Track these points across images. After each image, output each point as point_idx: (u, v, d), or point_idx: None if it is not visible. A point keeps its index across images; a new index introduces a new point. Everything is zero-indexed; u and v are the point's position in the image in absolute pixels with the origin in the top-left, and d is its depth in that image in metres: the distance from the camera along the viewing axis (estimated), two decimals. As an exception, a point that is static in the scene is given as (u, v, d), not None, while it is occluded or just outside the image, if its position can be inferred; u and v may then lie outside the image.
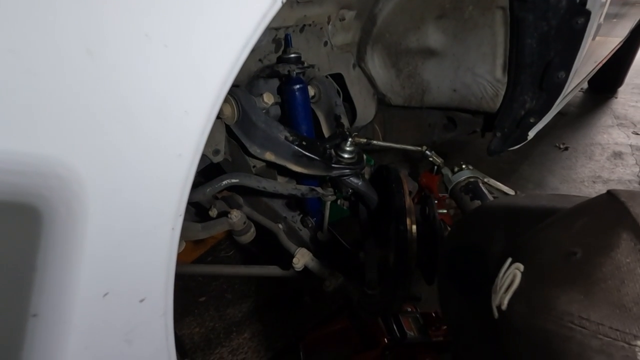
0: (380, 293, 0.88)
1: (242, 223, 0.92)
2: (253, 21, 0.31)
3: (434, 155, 0.99)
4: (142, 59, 0.27)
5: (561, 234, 0.41)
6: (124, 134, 0.27)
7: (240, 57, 0.32)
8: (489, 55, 1.11)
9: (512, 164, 2.59)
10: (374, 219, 1.02)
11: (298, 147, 0.84)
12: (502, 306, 0.41)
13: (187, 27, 0.29)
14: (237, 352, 1.49)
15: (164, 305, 0.30)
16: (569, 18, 0.91)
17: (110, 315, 0.27)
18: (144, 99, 0.28)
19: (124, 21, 0.26)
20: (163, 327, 0.30)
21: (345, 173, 0.88)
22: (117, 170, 0.28)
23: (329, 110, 1.05)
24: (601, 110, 3.47)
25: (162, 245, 0.30)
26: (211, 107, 0.31)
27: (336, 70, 1.15)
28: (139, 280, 0.29)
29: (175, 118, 0.30)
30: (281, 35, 0.93)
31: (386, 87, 1.33)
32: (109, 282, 0.27)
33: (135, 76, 0.27)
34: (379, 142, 0.91)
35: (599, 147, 2.83)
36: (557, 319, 0.35)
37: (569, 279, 0.36)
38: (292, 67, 0.88)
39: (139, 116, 0.28)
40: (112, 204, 0.28)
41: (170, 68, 0.29)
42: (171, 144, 0.30)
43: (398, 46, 1.21)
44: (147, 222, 0.29)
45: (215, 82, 0.31)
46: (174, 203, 0.31)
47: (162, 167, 0.29)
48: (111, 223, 0.28)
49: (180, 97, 0.30)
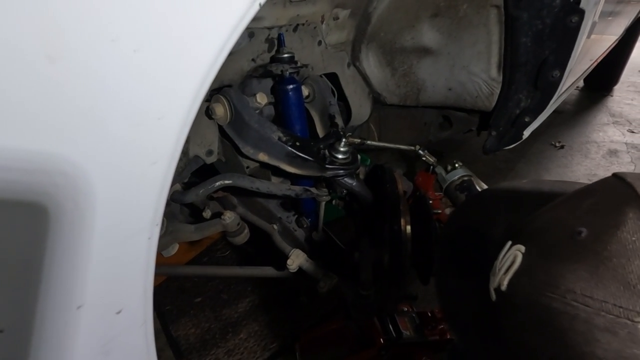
0: (374, 293, 0.88)
1: (235, 224, 0.91)
2: (229, 24, 0.30)
3: (427, 154, 0.99)
4: (109, 65, 0.26)
5: (566, 214, 0.41)
6: (93, 142, 0.27)
7: (217, 60, 0.31)
8: (484, 53, 1.11)
9: (509, 163, 2.60)
10: (369, 219, 1.01)
11: (291, 148, 0.84)
12: (502, 287, 0.40)
13: (157, 31, 0.28)
14: (233, 353, 1.48)
15: (142, 316, 0.30)
16: (563, 16, 0.91)
17: (85, 327, 0.27)
18: (114, 107, 0.27)
19: (88, 27, 0.25)
20: (143, 338, 0.30)
21: (340, 173, 0.87)
22: (88, 180, 0.27)
23: (323, 109, 1.04)
24: (597, 108, 3.48)
25: (139, 255, 0.30)
26: (187, 112, 0.31)
27: (330, 69, 1.14)
28: (114, 292, 0.28)
29: (148, 125, 0.29)
30: (274, 34, 0.92)
31: (381, 86, 1.33)
32: (82, 294, 0.27)
33: (102, 83, 0.26)
34: (373, 142, 0.91)
35: (595, 145, 2.84)
36: (561, 297, 0.35)
37: (574, 258, 0.36)
38: (286, 67, 0.87)
39: (108, 124, 0.27)
40: (84, 214, 0.27)
41: (141, 74, 0.28)
42: (145, 151, 0.29)
43: (393, 45, 1.20)
44: (121, 232, 0.29)
45: (190, 87, 0.30)
46: (150, 212, 0.30)
47: (136, 175, 0.28)
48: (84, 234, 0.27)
49: (153, 103, 0.29)
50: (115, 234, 0.28)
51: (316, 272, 0.91)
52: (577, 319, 0.34)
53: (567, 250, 0.37)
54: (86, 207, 0.26)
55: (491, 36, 1.06)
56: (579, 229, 0.37)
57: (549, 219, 0.43)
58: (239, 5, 0.31)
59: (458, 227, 0.66)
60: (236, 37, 0.32)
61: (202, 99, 0.32)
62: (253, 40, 0.89)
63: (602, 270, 0.34)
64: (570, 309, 0.34)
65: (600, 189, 0.41)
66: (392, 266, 0.83)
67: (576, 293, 0.34)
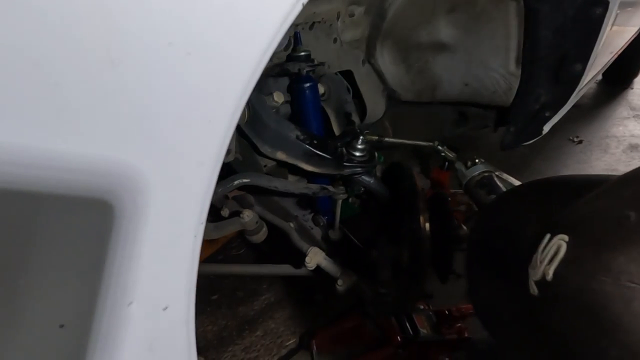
0: (393, 292, 0.87)
1: (254, 223, 0.92)
2: (275, 24, 0.31)
3: (446, 150, 0.98)
4: (165, 67, 0.27)
5: (610, 202, 0.41)
6: (148, 144, 0.27)
7: (262, 62, 0.31)
8: (502, 48, 1.09)
9: (525, 159, 2.55)
10: (386, 217, 1.01)
11: (309, 146, 0.84)
12: (547, 276, 0.40)
13: (209, 34, 0.28)
14: (250, 350, 1.50)
15: (186, 313, 0.30)
16: (586, 8, 0.89)
17: (134, 324, 0.27)
18: (167, 110, 0.27)
19: (147, 31, 0.25)
20: (185, 336, 0.30)
21: (357, 171, 0.87)
22: (144, 180, 0.27)
23: (339, 107, 1.04)
24: (616, 101, 3.38)
25: (185, 253, 0.30)
26: (232, 115, 0.31)
27: (346, 67, 1.14)
28: (163, 288, 0.29)
29: (198, 127, 0.30)
30: (290, 33, 0.92)
31: (396, 83, 1.31)
32: (134, 291, 0.27)
33: (158, 86, 0.27)
34: (390, 139, 0.90)
35: (615, 139, 2.76)
36: (615, 280, 0.34)
37: (625, 241, 0.36)
38: (302, 65, 0.88)
39: (162, 127, 0.27)
40: (141, 213, 0.27)
41: (193, 76, 0.28)
42: (194, 152, 0.30)
43: (408, 41, 1.19)
44: (172, 231, 0.29)
45: (236, 89, 0.30)
46: (197, 211, 0.31)
47: (184, 175, 0.29)
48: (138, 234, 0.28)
49: (203, 105, 0.29)
50: (166, 232, 0.29)
51: (334, 270, 0.91)
52: (634, 300, 0.33)
53: (617, 234, 0.37)
54: (143, 206, 0.27)
55: (510, 30, 1.03)
56: (627, 213, 0.36)
57: (591, 209, 0.42)
58: (284, 5, 0.31)
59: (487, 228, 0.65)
60: (280, 38, 0.32)
61: (245, 102, 0.32)
62: (270, 39, 0.89)
63: None
64: (626, 291, 0.33)
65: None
66: (411, 264, 0.83)
67: (632, 273, 0.34)
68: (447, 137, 1.66)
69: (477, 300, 0.62)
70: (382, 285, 0.87)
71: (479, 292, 0.62)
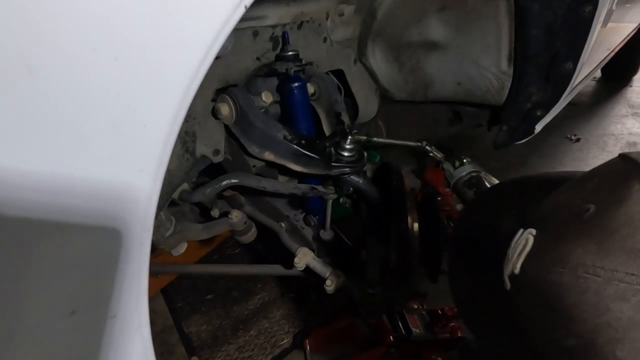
0: (381, 292, 0.87)
1: (242, 223, 0.92)
2: (214, 28, 0.30)
3: (434, 150, 0.97)
4: (91, 73, 0.26)
5: (573, 195, 0.42)
6: (75, 150, 0.27)
7: (202, 66, 0.31)
8: (494, 46, 1.08)
9: (522, 157, 2.54)
10: (376, 217, 1.01)
11: (297, 146, 0.84)
12: (515, 270, 0.41)
13: (139, 38, 0.27)
14: (243, 350, 1.50)
15: (137, 320, 0.30)
16: (575, 6, 0.88)
17: (79, 332, 0.27)
18: (96, 114, 0.27)
19: (68, 36, 0.25)
20: (139, 342, 0.30)
21: (346, 171, 0.87)
22: (69, 186, 0.27)
23: (329, 107, 1.03)
24: (615, 99, 3.37)
25: (130, 260, 0.30)
26: (173, 118, 0.30)
27: (337, 66, 1.13)
28: (108, 297, 0.29)
29: (133, 132, 0.29)
30: (278, 33, 0.92)
31: (389, 82, 1.31)
32: (75, 300, 0.27)
33: (84, 91, 0.26)
34: (379, 139, 0.90)
35: (612, 137, 2.75)
36: (572, 271, 0.35)
37: (583, 233, 0.37)
38: (290, 65, 0.87)
39: (91, 132, 0.27)
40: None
41: (123, 82, 0.28)
42: (131, 158, 0.29)
43: (399, 40, 1.19)
44: (113, 239, 0.29)
45: (175, 93, 0.30)
46: (140, 218, 0.30)
47: (123, 182, 0.28)
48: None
49: (137, 110, 0.29)
50: (106, 241, 0.29)
51: (323, 270, 0.91)
52: (588, 291, 0.34)
53: (575, 227, 0.38)
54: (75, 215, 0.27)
55: (501, 28, 1.03)
56: (586, 206, 0.38)
57: (557, 202, 0.43)
58: (224, 8, 0.31)
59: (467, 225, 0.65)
60: (222, 41, 0.31)
61: (189, 104, 0.32)
62: (257, 39, 0.88)
63: (611, 242, 0.34)
64: (582, 281, 0.35)
65: (605, 169, 0.42)
66: (399, 264, 0.83)
67: (587, 265, 0.35)
68: (442, 136, 1.66)
69: (458, 297, 0.62)
70: (371, 285, 0.87)
71: (460, 288, 0.62)
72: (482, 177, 1.01)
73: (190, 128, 0.83)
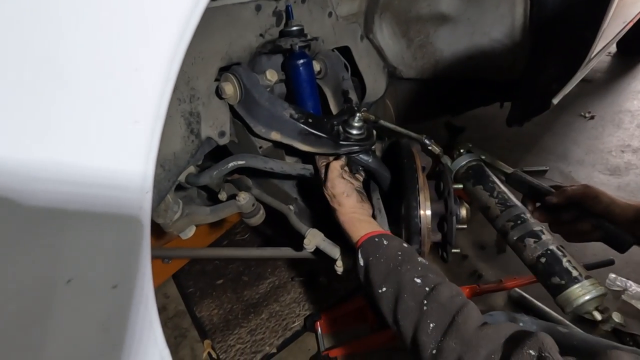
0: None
1: (250, 205, 0.90)
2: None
3: (433, 144, 0.94)
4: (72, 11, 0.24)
5: None
6: (56, 93, 0.24)
7: (199, 3, 0.28)
8: (507, 17, 1.03)
9: (534, 137, 2.48)
10: (387, 197, 0.98)
11: (304, 125, 0.81)
12: None
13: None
14: (255, 333, 1.51)
15: (141, 290, 0.28)
16: (596, -31, 0.83)
17: (80, 302, 0.26)
18: (79, 55, 0.24)
19: None
20: (143, 314, 0.29)
21: (354, 150, 0.84)
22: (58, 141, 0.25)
23: (336, 85, 1.00)
24: (631, 74, 3.25)
25: (131, 226, 0.28)
26: (168, 63, 0.28)
27: (343, 42, 1.09)
28: (109, 265, 0.27)
29: (122, 77, 0.26)
30: (282, 7, 0.88)
31: (397, 59, 1.27)
32: (74, 268, 0.26)
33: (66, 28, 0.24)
34: (385, 123, 0.87)
35: (629, 114, 2.66)
36: None
37: None
38: (295, 41, 0.84)
39: (74, 74, 0.24)
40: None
41: (109, 19, 0.25)
42: (124, 108, 0.26)
43: (408, 14, 1.14)
44: (110, 202, 0.27)
45: (169, 33, 0.27)
46: (138, 178, 0.28)
47: (117, 136, 0.26)
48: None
49: (125, 52, 0.26)
50: (103, 205, 0.27)
51: (333, 251, 0.89)
52: None
53: None
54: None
55: (515, -3, 0.98)
56: None
57: None
58: None
59: None
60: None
61: (186, 47, 0.29)
62: (260, 14, 0.85)
63: None
64: None
65: None
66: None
67: None
68: (452, 115, 1.61)
69: None
70: (382, 265, 0.85)
71: None
72: (481, 166, 0.98)
73: (194, 109, 0.81)
